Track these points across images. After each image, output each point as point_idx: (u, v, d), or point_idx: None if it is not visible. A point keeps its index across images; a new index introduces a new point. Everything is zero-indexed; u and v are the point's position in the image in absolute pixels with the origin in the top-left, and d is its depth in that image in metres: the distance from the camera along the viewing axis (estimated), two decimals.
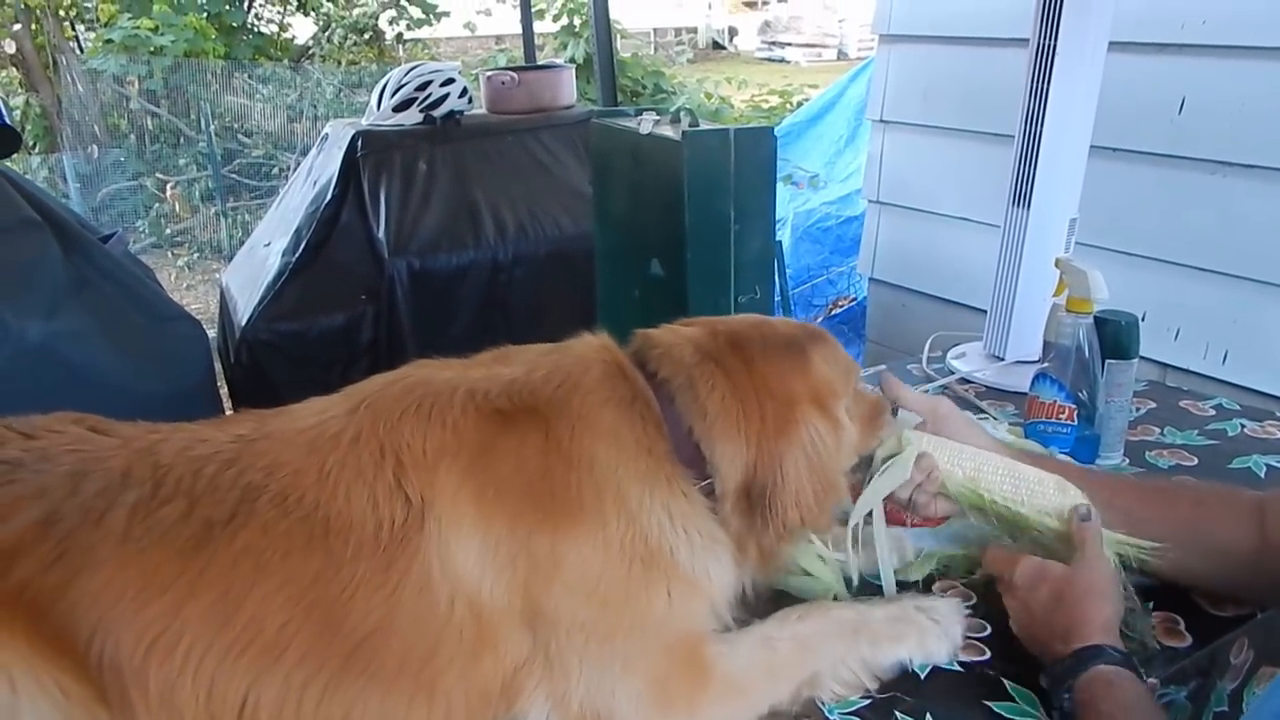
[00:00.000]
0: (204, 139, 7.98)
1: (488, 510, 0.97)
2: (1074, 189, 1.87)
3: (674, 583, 1.02)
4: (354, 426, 1.01)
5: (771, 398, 1.08)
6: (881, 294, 3.19)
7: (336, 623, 0.93)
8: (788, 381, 1.09)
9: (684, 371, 1.08)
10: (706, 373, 1.08)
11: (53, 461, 0.97)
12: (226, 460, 0.97)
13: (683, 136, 2.03)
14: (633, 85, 8.99)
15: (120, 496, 0.93)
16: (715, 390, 1.07)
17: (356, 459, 0.98)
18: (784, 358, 1.11)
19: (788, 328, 1.18)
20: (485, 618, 0.96)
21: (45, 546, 0.90)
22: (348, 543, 0.93)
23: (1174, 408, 1.79)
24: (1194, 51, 2.15)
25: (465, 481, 0.97)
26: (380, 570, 0.93)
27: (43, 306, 2.21)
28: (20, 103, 8.91)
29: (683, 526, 1.03)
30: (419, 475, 0.97)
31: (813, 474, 1.07)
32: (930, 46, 2.83)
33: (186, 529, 0.92)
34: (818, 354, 1.13)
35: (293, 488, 0.96)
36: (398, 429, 1.00)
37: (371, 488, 0.96)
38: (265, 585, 0.92)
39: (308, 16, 10.19)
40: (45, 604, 0.89)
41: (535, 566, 0.97)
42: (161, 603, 0.90)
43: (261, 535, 0.93)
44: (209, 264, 7.56)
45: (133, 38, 8.19)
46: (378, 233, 3.23)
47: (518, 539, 0.97)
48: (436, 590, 0.94)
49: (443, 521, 0.95)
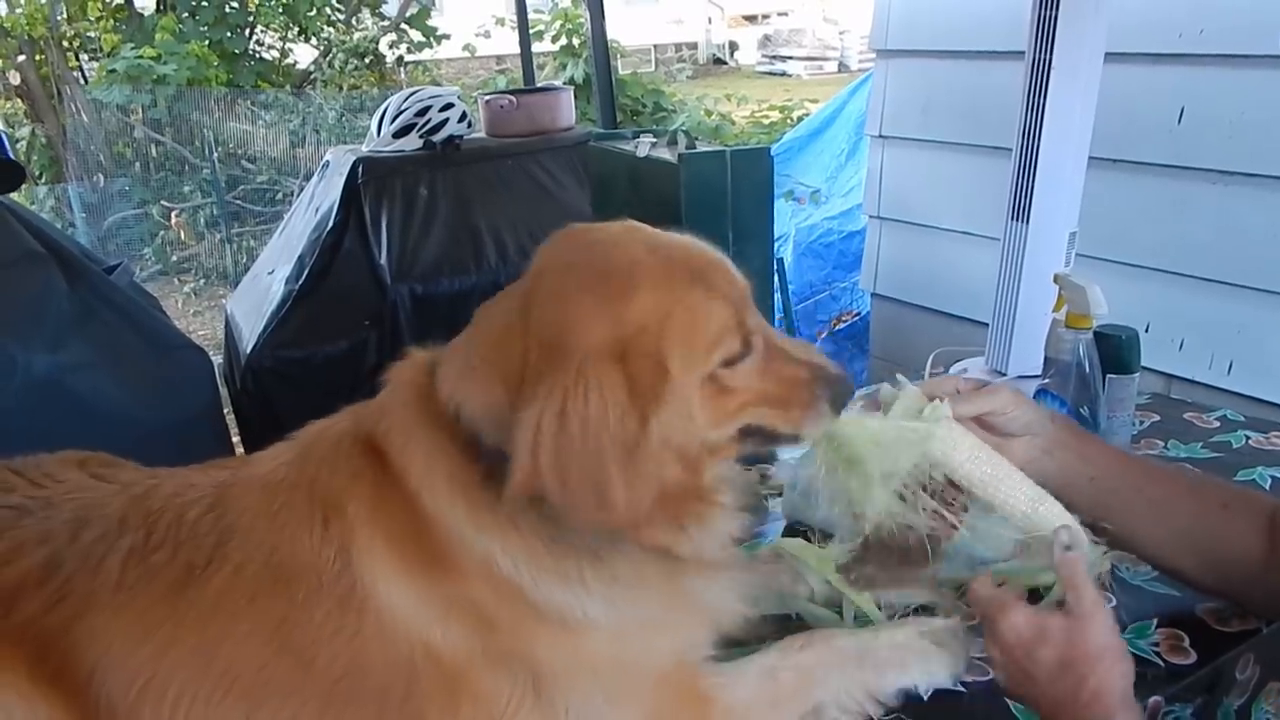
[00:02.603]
0: (208, 166, 8.03)
1: (405, 559, 0.95)
2: (1073, 203, 1.87)
3: (565, 630, 0.94)
4: (293, 472, 1.01)
5: (540, 348, 0.89)
6: (884, 309, 3.19)
7: (308, 664, 0.93)
8: (569, 328, 0.89)
9: (456, 372, 0.96)
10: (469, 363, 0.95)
11: (56, 509, 1.00)
12: (208, 505, 0.99)
13: (680, 159, 2.04)
14: (633, 104, 9.02)
15: (117, 542, 0.96)
16: (480, 374, 0.93)
17: (294, 505, 0.98)
18: (578, 300, 0.90)
19: (636, 249, 0.94)
20: (448, 662, 0.94)
21: (47, 589, 0.93)
22: (301, 586, 0.94)
23: (1178, 420, 1.79)
24: (1192, 61, 2.16)
25: (373, 528, 0.95)
26: (336, 615, 0.93)
27: (49, 339, 2.23)
28: (25, 133, 9.00)
29: (526, 572, 0.93)
30: (340, 523, 0.96)
31: (563, 439, 0.85)
32: (928, 61, 2.84)
33: (171, 573, 0.94)
34: (649, 292, 0.90)
35: (254, 531, 0.96)
36: (319, 475, 0.99)
37: (310, 533, 0.96)
38: (239, 628, 0.93)
39: (309, 42, 10.26)
40: (47, 644, 0.92)
41: (471, 619, 0.94)
42: (150, 645, 0.92)
43: (234, 578, 0.94)
44: (215, 290, 7.60)
45: (136, 67, 8.26)
46: (380, 259, 3.25)
47: (440, 589, 0.94)
48: (394, 635, 0.93)
49: (368, 571, 0.94)
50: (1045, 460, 1.22)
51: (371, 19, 10.64)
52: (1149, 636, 1.19)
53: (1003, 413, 1.19)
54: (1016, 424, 1.20)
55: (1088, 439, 1.26)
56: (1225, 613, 1.22)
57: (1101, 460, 1.21)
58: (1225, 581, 1.18)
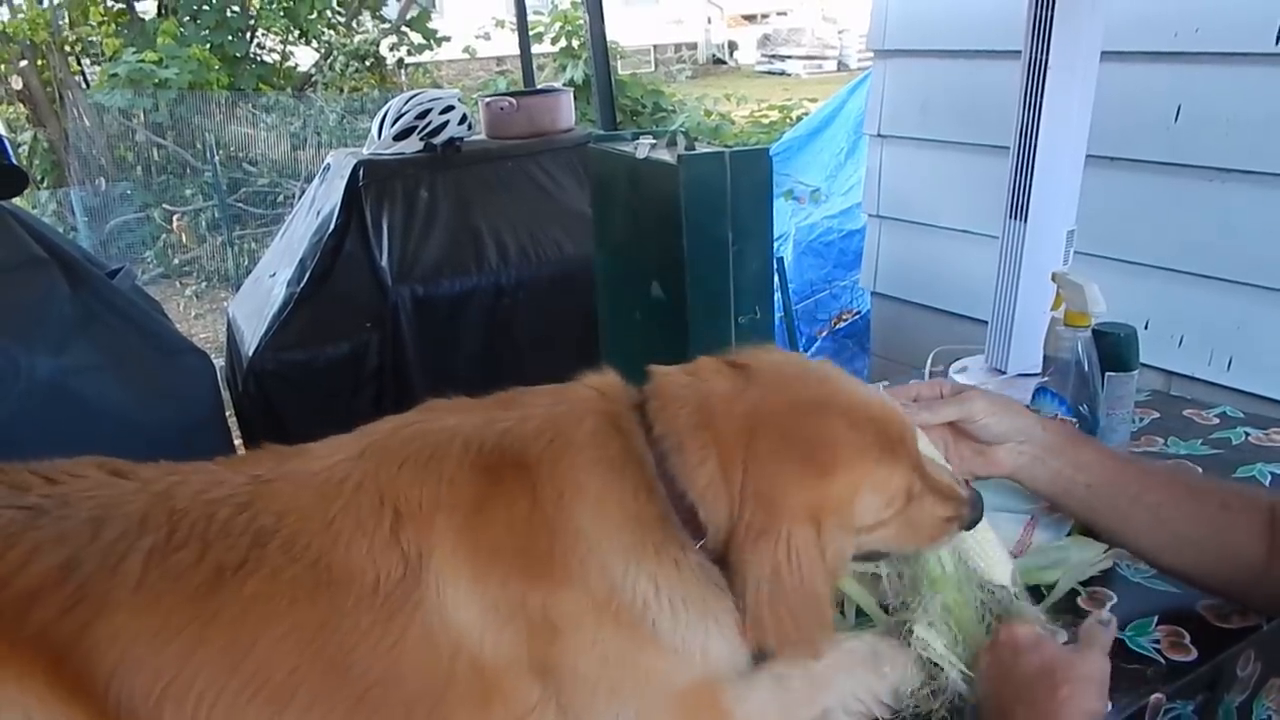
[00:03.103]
0: (209, 169, 8.04)
1: (483, 570, 0.95)
2: (1070, 201, 1.88)
3: (662, 655, 0.98)
4: (358, 472, 1.00)
5: (756, 498, 0.97)
6: (885, 308, 3.19)
7: (343, 670, 0.93)
8: (782, 489, 0.97)
9: (676, 434, 1.00)
10: (699, 443, 0.99)
11: (73, 507, 0.97)
12: (241, 504, 0.97)
13: (679, 160, 2.04)
14: (632, 105, 9.03)
15: (137, 542, 0.94)
16: (704, 465, 0.99)
17: (357, 507, 0.97)
18: (792, 464, 0.98)
19: (839, 421, 1.01)
20: (489, 671, 0.95)
21: (65, 591, 0.92)
22: (349, 594, 0.93)
23: (1178, 417, 1.79)
24: (1188, 59, 2.16)
25: (460, 539, 0.96)
26: (382, 622, 0.93)
27: (52, 344, 2.23)
28: (28, 138, 9.01)
29: (668, 598, 0.98)
30: (415, 529, 0.96)
31: (777, 596, 0.95)
32: (926, 60, 2.84)
33: (199, 574, 0.93)
34: (846, 470, 0.99)
35: (300, 533, 0.95)
36: (397, 478, 0.99)
37: (370, 538, 0.95)
38: (273, 632, 0.92)
39: (309, 45, 10.27)
40: (65, 646, 0.91)
41: (533, 628, 0.96)
42: (174, 648, 0.91)
43: (270, 582, 0.93)
44: (217, 293, 7.62)
45: (137, 71, 8.27)
46: (381, 261, 3.26)
47: (513, 600, 0.95)
48: (439, 644, 0.94)
49: (440, 579, 0.94)
50: (1037, 468, 1.22)
51: (372, 22, 10.66)
52: (1149, 634, 1.19)
53: (974, 420, 1.19)
54: (991, 431, 1.20)
55: (1083, 444, 1.26)
56: (1226, 609, 1.22)
57: (1097, 467, 1.21)
58: (1228, 582, 1.18)
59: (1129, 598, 1.26)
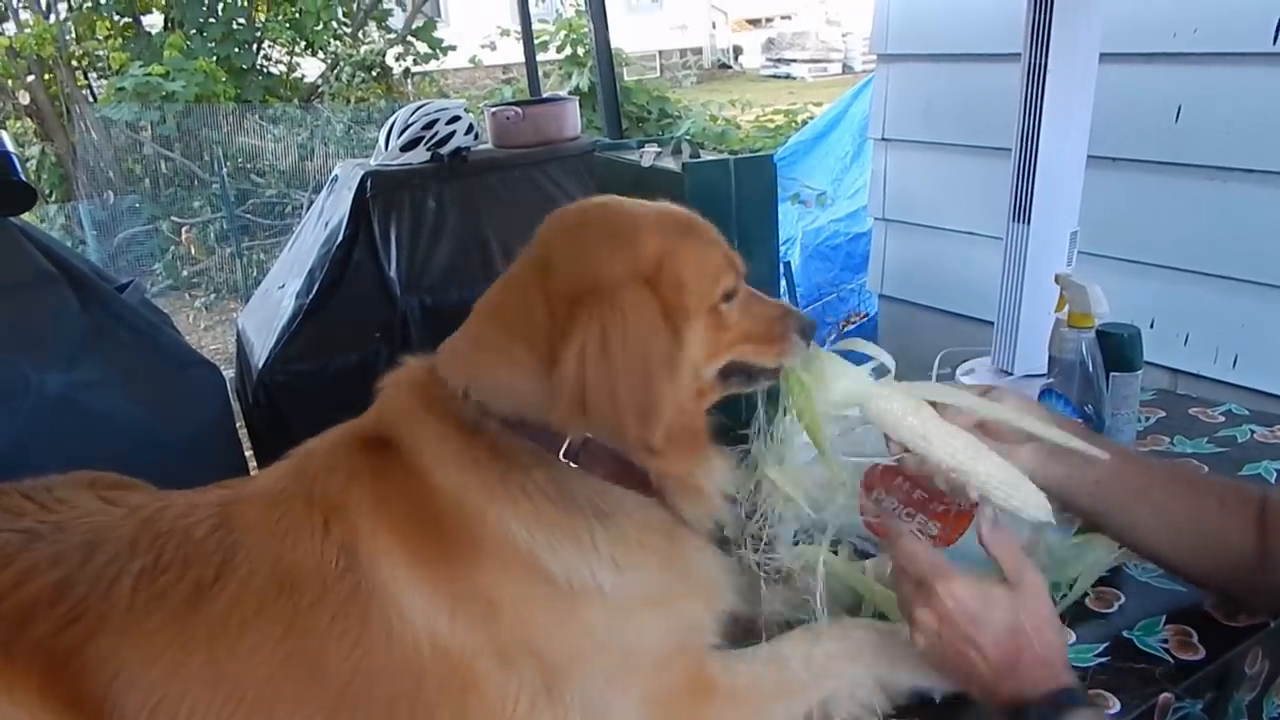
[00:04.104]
0: (217, 181, 8.08)
1: (411, 547, 0.98)
2: (1073, 202, 1.88)
3: (568, 600, 0.97)
4: (292, 483, 1.04)
5: (565, 297, 0.97)
6: (892, 310, 3.20)
7: (316, 671, 0.95)
8: (592, 271, 0.97)
9: (455, 353, 1.05)
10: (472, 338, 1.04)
11: (67, 532, 1.02)
12: (214, 524, 1.02)
13: (684, 167, 2.05)
14: (638, 111, 9.04)
15: (128, 565, 0.98)
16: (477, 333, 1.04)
17: (294, 512, 1.01)
18: (594, 249, 1.00)
19: (629, 212, 1.05)
20: (456, 658, 0.96)
21: (60, 610, 0.95)
22: (305, 593, 0.96)
23: (1183, 416, 1.79)
24: (1187, 59, 2.17)
25: (378, 518, 0.99)
26: (342, 618, 0.95)
27: (62, 358, 2.25)
28: (35, 152, 9.06)
29: (541, 536, 0.97)
30: (341, 522, 0.99)
31: (604, 357, 0.92)
32: (928, 64, 2.85)
33: (181, 592, 0.96)
34: (652, 235, 1.00)
35: (256, 544, 0.99)
36: (316, 481, 1.03)
37: (311, 536, 0.99)
38: (247, 641, 0.95)
39: (316, 56, 10.31)
40: (60, 663, 0.94)
41: (478, 606, 0.97)
42: (161, 665, 0.94)
43: (240, 592, 0.96)
44: (226, 304, 7.65)
45: (145, 84, 8.31)
46: (389, 271, 3.27)
47: (447, 576, 0.97)
48: (402, 633, 0.96)
49: (377, 562, 0.97)
50: (1052, 466, 1.22)
51: (378, 32, 10.70)
52: (1157, 633, 1.19)
53: (1000, 421, 1.20)
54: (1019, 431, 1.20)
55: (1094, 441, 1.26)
56: (1233, 608, 1.22)
57: (1104, 465, 1.21)
58: (1228, 580, 1.18)
59: (1137, 597, 1.27)
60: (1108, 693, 1.09)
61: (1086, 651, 1.16)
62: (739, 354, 1.07)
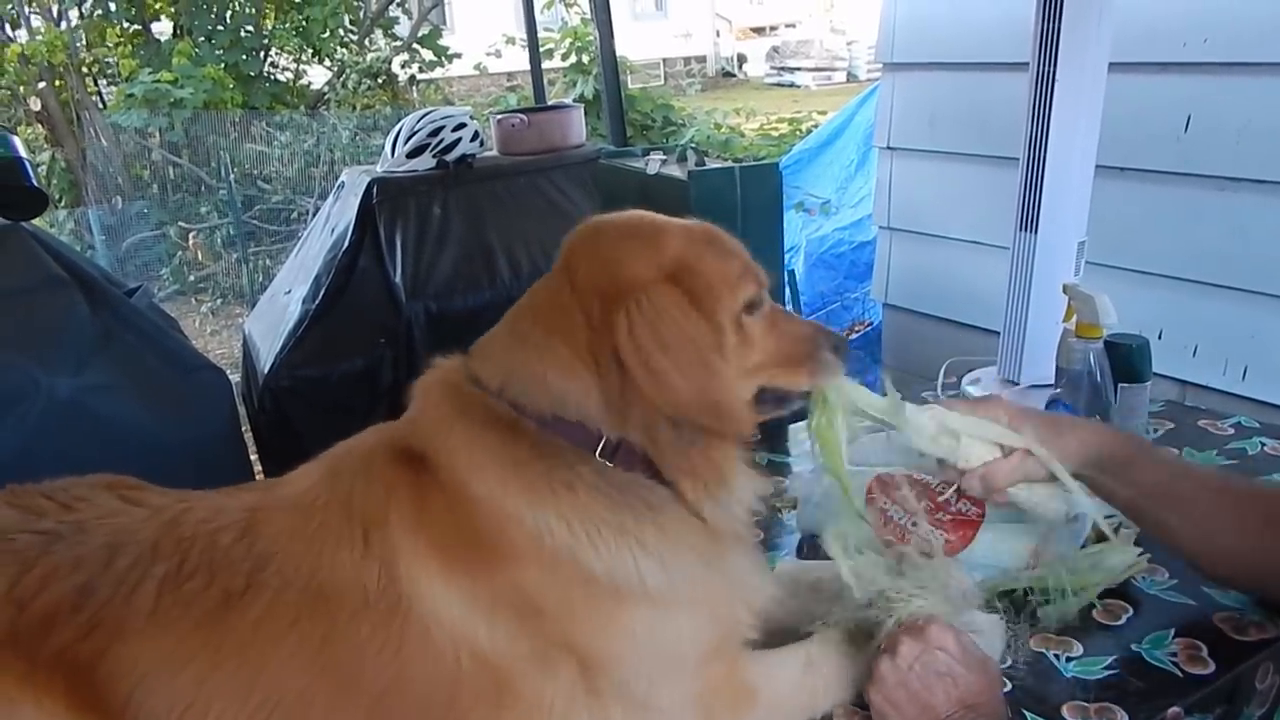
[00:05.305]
0: (224, 187, 8.10)
1: (450, 560, 0.97)
2: (1081, 212, 1.88)
3: (610, 597, 0.97)
4: (325, 491, 1.03)
5: (597, 293, 0.98)
6: (896, 319, 3.19)
7: (351, 683, 0.95)
8: (621, 271, 0.98)
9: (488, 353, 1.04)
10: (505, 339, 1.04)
11: (88, 534, 1.00)
12: (240, 531, 1.00)
13: (689, 175, 2.05)
14: (642, 119, 9.05)
15: (150, 569, 0.97)
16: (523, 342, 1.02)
17: (331, 524, 1.00)
18: (622, 252, 1.01)
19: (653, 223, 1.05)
20: (494, 664, 0.96)
21: (82, 615, 0.94)
22: (344, 606, 0.95)
23: (1192, 427, 1.78)
24: (1197, 69, 2.16)
25: (418, 535, 0.98)
26: (380, 629, 0.95)
27: (71, 363, 2.25)
28: (46, 158, 9.10)
29: (581, 529, 0.97)
30: (382, 536, 0.98)
31: (660, 343, 0.94)
32: (933, 73, 2.85)
33: (208, 601, 0.95)
34: (675, 240, 1.02)
35: (291, 554, 0.98)
36: (354, 492, 1.01)
37: (351, 551, 0.97)
38: (280, 652, 0.94)
39: (322, 64, 10.35)
40: (83, 669, 0.93)
41: (517, 610, 0.96)
42: (188, 673, 0.93)
43: (272, 603, 0.95)
44: (232, 309, 7.67)
45: (153, 91, 8.34)
46: (395, 278, 3.27)
47: (487, 584, 0.97)
48: (439, 644, 0.95)
49: (416, 578, 0.96)
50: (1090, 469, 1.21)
51: (384, 40, 10.73)
52: (1166, 646, 1.18)
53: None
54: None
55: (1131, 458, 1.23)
56: (1243, 622, 1.21)
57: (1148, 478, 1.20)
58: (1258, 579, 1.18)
59: (1146, 611, 1.26)
60: (1115, 707, 1.08)
61: (1094, 665, 1.15)
62: (770, 378, 1.05)
